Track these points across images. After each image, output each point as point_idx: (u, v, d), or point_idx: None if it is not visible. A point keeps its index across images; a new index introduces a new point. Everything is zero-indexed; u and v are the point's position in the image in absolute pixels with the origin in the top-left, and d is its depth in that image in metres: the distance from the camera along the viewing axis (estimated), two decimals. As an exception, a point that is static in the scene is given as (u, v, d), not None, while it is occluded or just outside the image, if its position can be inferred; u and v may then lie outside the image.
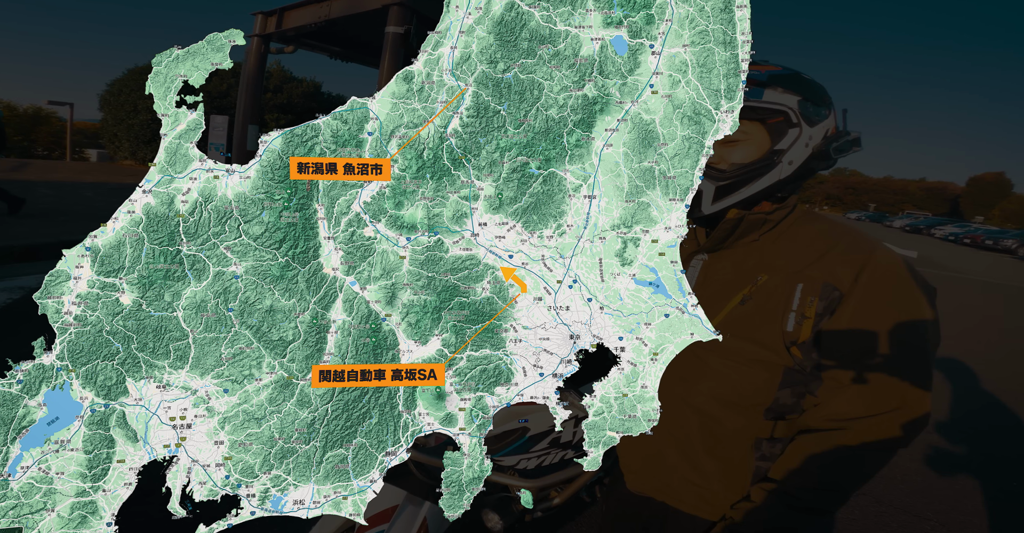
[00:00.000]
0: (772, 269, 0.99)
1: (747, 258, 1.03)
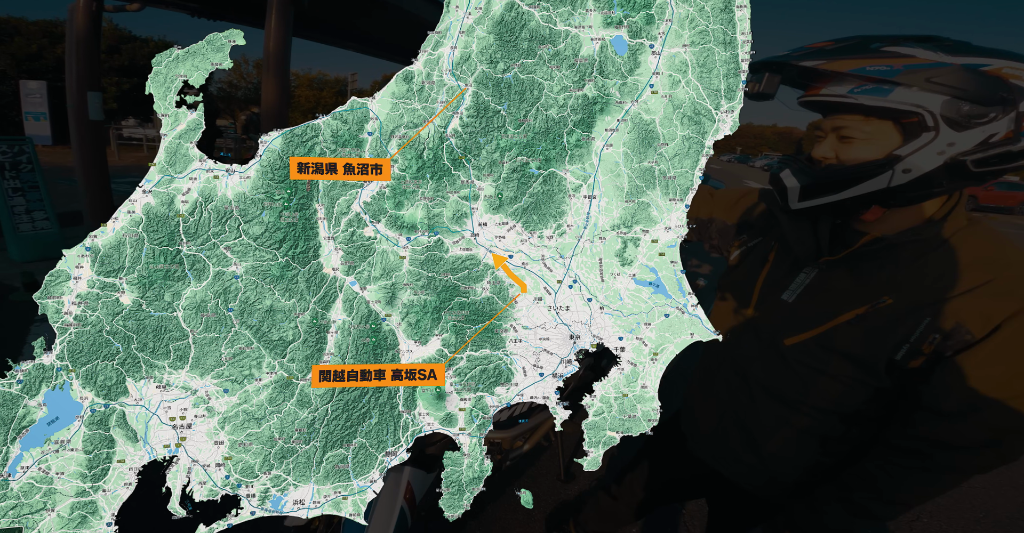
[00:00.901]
0: (900, 291, 0.88)
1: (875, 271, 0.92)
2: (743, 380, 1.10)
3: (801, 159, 0.95)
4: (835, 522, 0.97)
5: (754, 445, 1.10)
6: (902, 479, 0.91)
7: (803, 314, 0.99)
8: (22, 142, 4.28)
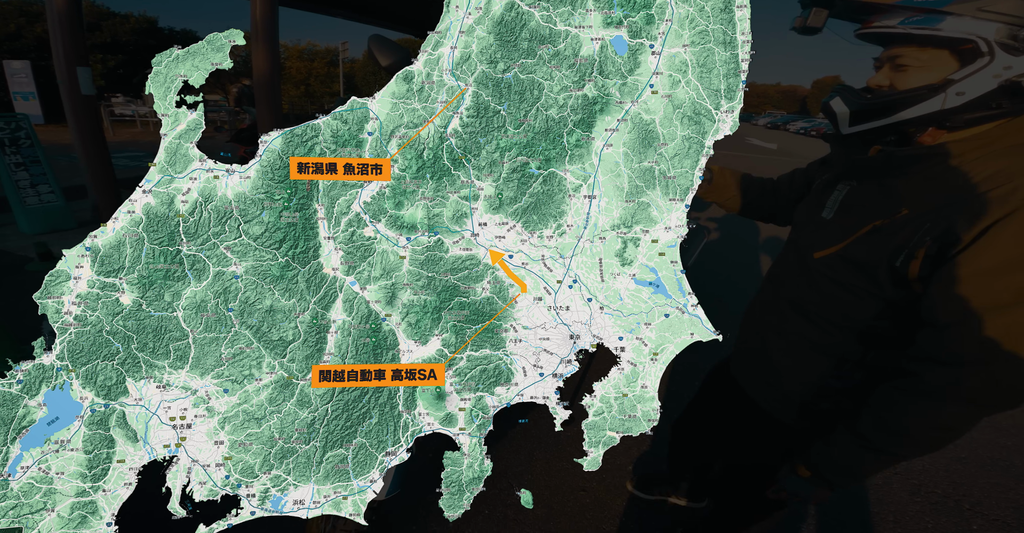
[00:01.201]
0: (917, 204, 0.89)
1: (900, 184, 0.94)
2: (776, 296, 1.16)
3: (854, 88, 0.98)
4: (844, 456, 0.97)
5: (773, 360, 1.13)
6: (903, 405, 0.90)
7: (834, 229, 1.02)
8: (19, 118, 4.37)
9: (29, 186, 4.32)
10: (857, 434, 0.95)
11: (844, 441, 0.97)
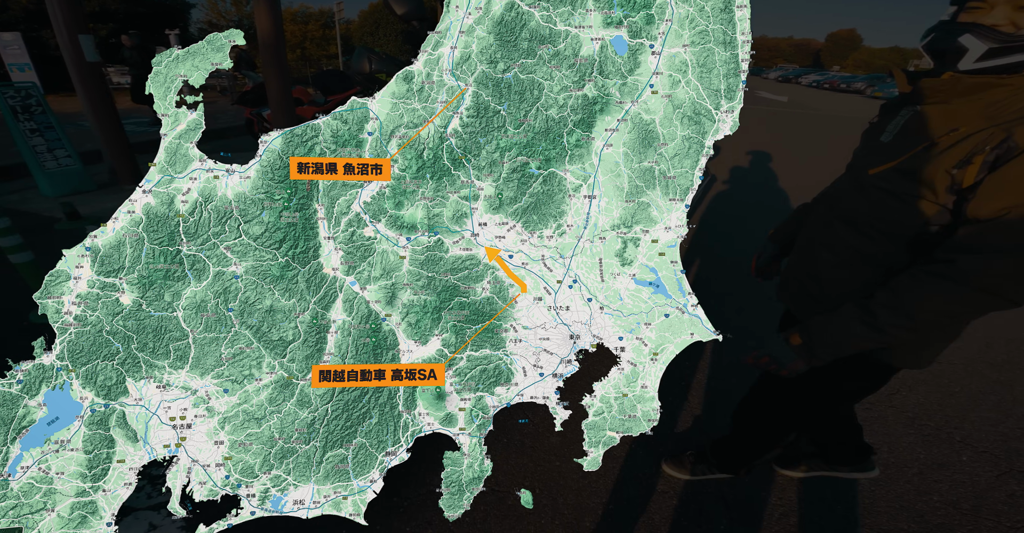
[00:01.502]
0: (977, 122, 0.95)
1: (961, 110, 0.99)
2: (828, 213, 1.20)
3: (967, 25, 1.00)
4: (840, 330, 1.02)
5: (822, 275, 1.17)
6: (920, 283, 0.96)
7: (891, 149, 1.07)
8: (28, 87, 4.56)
9: (46, 151, 4.50)
10: (865, 308, 1.00)
11: (848, 314, 1.02)
